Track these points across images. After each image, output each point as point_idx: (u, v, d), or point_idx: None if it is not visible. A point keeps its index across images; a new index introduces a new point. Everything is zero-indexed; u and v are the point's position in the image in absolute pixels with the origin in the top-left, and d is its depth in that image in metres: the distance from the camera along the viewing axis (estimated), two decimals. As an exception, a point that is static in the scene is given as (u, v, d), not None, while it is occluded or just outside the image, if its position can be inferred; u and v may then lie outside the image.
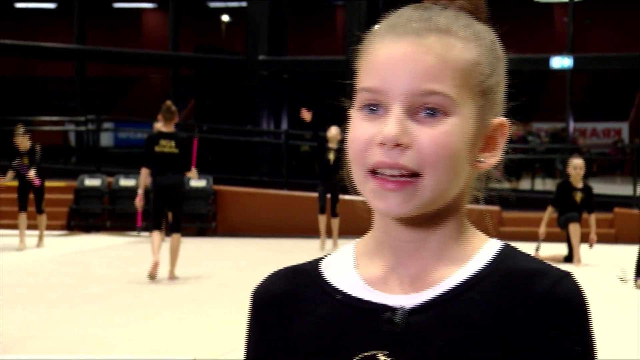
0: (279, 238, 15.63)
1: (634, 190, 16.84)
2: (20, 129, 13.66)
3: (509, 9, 28.37)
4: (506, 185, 1.41)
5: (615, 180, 23.27)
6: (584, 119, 27.38)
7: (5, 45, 23.66)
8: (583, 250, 12.68)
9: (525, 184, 21.72)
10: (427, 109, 1.24)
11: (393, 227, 1.29)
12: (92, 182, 17.05)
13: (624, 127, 28.27)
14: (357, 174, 1.27)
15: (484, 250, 1.30)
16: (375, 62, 1.27)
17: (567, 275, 1.26)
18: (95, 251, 13.78)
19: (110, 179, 17.04)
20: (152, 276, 10.41)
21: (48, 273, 11.27)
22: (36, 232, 14.04)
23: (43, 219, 14.10)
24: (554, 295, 1.24)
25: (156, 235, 10.41)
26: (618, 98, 29.49)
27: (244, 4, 24.28)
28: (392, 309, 1.26)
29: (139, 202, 10.81)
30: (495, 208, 16.56)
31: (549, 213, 12.71)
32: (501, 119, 1.32)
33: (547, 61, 20.58)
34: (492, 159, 1.32)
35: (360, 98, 1.28)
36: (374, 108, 1.26)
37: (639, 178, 16.85)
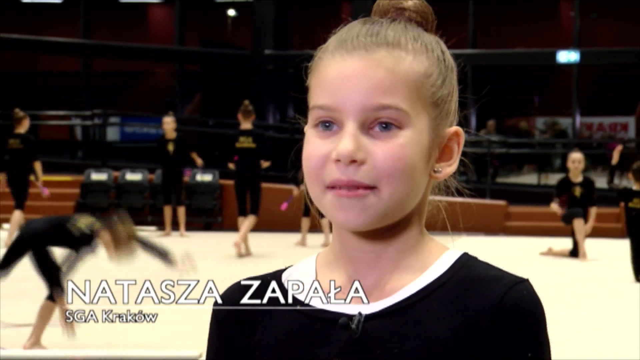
0: (285, 233, 15.62)
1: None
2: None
3: (515, 4, 28.34)
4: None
5: (622, 174, 23.19)
6: (590, 113, 27.31)
7: (11, 40, 23.67)
8: (590, 245, 12.67)
9: (531, 179, 21.68)
10: (380, 123, 1.25)
11: (350, 238, 1.30)
12: (98, 176, 17.07)
13: (631, 121, 28.19)
14: (314, 189, 1.28)
15: (441, 259, 1.31)
16: (327, 80, 1.27)
17: (522, 282, 1.27)
18: (102, 246, 13.75)
19: (116, 174, 17.06)
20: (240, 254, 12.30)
21: (54, 267, 11.26)
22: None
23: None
24: (507, 302, 1.24)
25: (241, 220, 12.40)
26: (624, 92, 29.41)
27: (249, -2, 24.25)
28: (349, 317, 1.27)
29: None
30: (502, 202, 16.56)
31: (555, 206, 12.72)
32: (455, 128, 1.33)
33: (553, 56, 20.54)
34: (449, 168, 1.33)
35: (313, 115, 1.29)
36: (328, 125, 1.27)
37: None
